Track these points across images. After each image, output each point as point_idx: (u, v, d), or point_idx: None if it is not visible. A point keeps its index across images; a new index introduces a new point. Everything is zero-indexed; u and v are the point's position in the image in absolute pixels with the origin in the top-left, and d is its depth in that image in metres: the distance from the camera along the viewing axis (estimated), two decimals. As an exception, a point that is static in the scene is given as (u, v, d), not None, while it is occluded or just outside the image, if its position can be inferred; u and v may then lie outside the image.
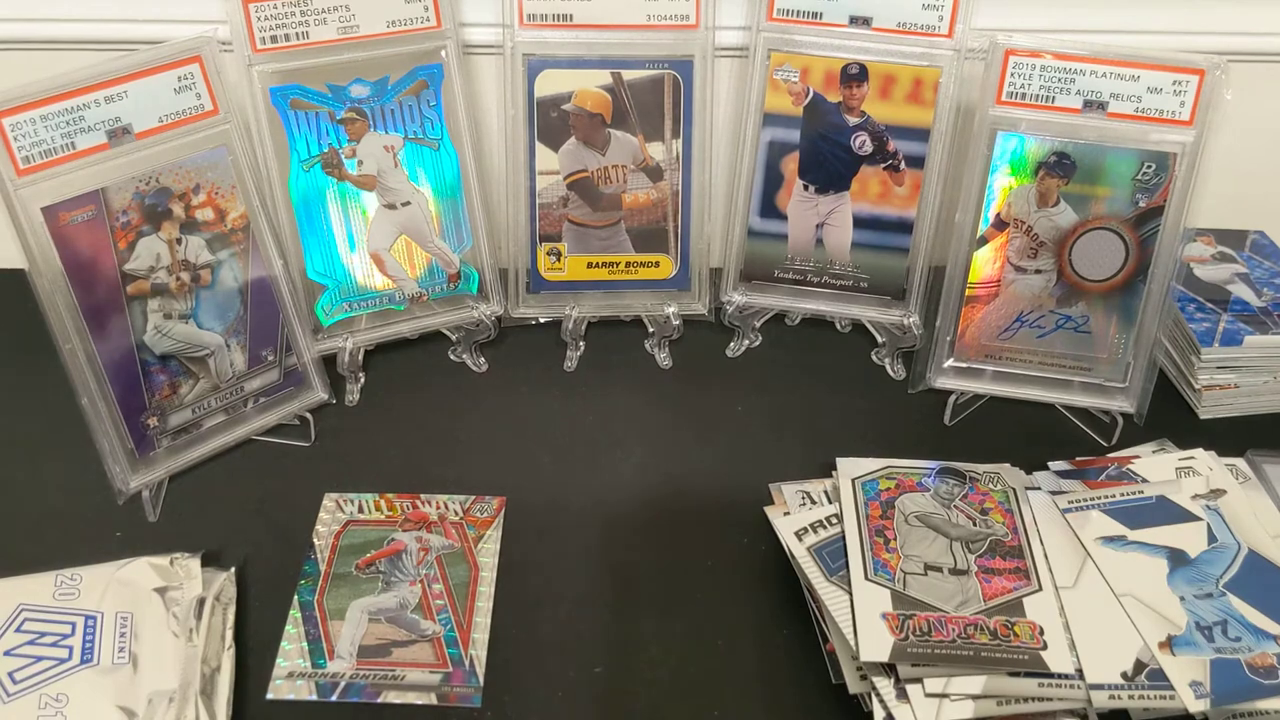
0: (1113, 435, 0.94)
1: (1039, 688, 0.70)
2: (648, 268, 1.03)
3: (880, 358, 1.04)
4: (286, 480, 0.89)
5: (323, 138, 0.92)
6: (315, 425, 0.94)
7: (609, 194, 1.00)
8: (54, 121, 0.76)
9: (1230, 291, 1.02)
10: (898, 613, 0.74)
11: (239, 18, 0.86)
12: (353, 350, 0.98)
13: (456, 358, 1.03)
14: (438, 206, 0.98)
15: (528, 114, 0.96)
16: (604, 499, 0.88)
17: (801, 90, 0.96)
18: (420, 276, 0.99)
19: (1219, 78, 0.85)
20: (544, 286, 1.03)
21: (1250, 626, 0.73)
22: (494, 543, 0.84)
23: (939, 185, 0.97)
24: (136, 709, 0.69)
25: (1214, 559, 0.78)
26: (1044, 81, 0.88)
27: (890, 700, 0.70)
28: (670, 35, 0.95)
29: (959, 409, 0.97)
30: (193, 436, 0.89)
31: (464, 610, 0.79)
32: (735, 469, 0.91)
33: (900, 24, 0.93)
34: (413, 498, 0.87)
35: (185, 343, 0.86)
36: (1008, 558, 0.78)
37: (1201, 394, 0.96)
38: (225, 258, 0.87)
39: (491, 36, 0.98)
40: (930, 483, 0.85)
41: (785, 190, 1.00)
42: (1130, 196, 0.89)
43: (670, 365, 1.03)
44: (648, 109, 0.98)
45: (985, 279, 0.94)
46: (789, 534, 0.81)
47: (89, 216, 0.78)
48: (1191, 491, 0.83)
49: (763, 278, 1.04)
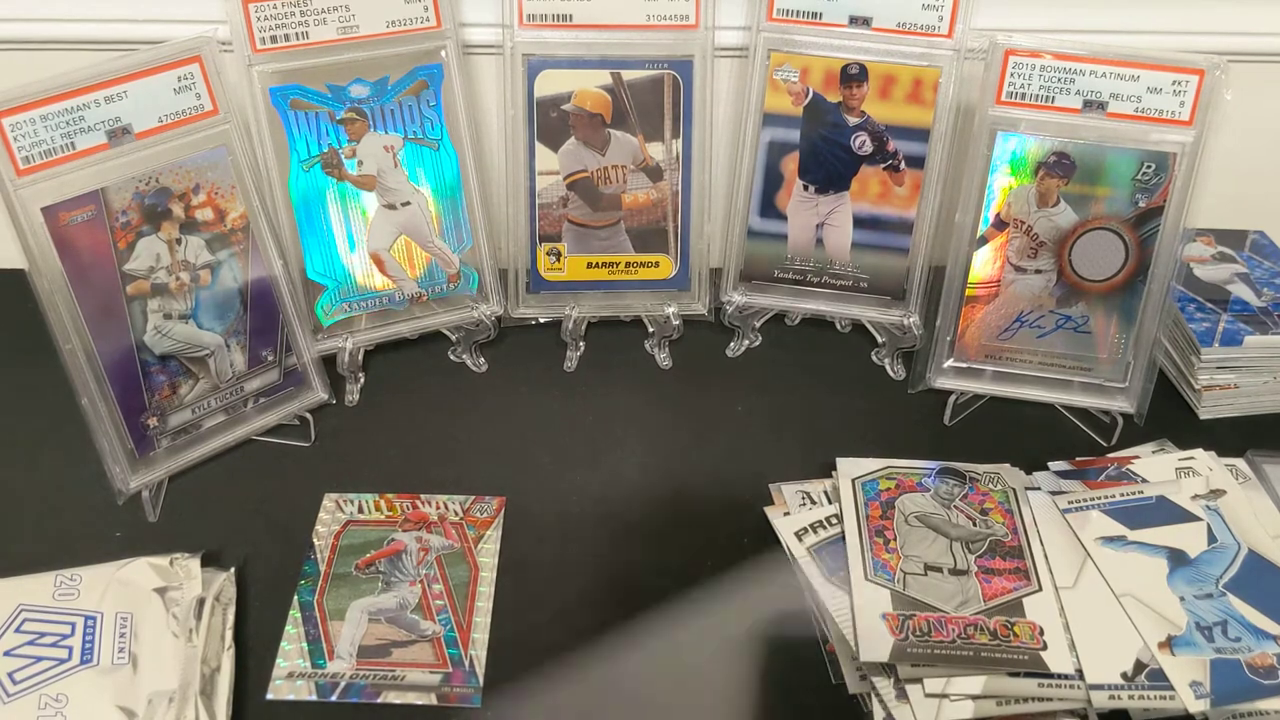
0: (1113, 435, 0.94)
1: (1039, 688, 0.70)
2: (647, 268, 1.03)
3: (880, 358, 1.04)
4: (286, 480, 0.89)
5: (323, 138, 0.92)
6: (315, 425, 0.94)
7: (609, 194, 1.00)
8: (54, 121, 0.76)
9: (1230, 291, 1.02)
10: (897, 613, 0.74)
11: (239, 18, 0.86)
12: (352, 350, 0.98)
13: (456, 358, 1.03)
14: (437, 206, 0.98)
15: (527, 114, 0.96)
16: (604, 499, 0.88)
17: (801, 90, 0.96)
18: (420, 277, 0.99)
19: (1219, 78, 0.85)
20: (544, 287, 1.03)
21: (1250, 627, 0.73)
22: (494, 543, 0.84)
23: (939, 185, 0.97)
24: (136, 709, 0.69)
25: (1214, 559, 0.78)
26: (1044, 81, 0.88)
27: (890, 700, 0.70)
28: (670, 35, 0.95)
29: (959, 409, 0.97)
30: (193, 437, 0.89)
31: (464, 610, 0.79)
32: (735, 469, 0.91)
33: (900, 24, 0.93)
34: (412, 498, 0.87)
35: (185, 343, 0.86)
36: (1007, 558, 0.78)
37: (1201, 394, 0.96)
38: (225, 258, 0.87)
39: (491, 36, 0.98)
40: (930, 483, 0.85)
41: (785, 190, 1.00)
42: (1130, 196, 0.89)
43: (670, 365, 1.03)
44: (647, 109, 0.98)
45: (985, 279, 0.94)
46: (789, 534, 0.81)
47: (89, 217, 0.78)
48: (1191, 492, 0.83)
49: (763, 278, 1.04)
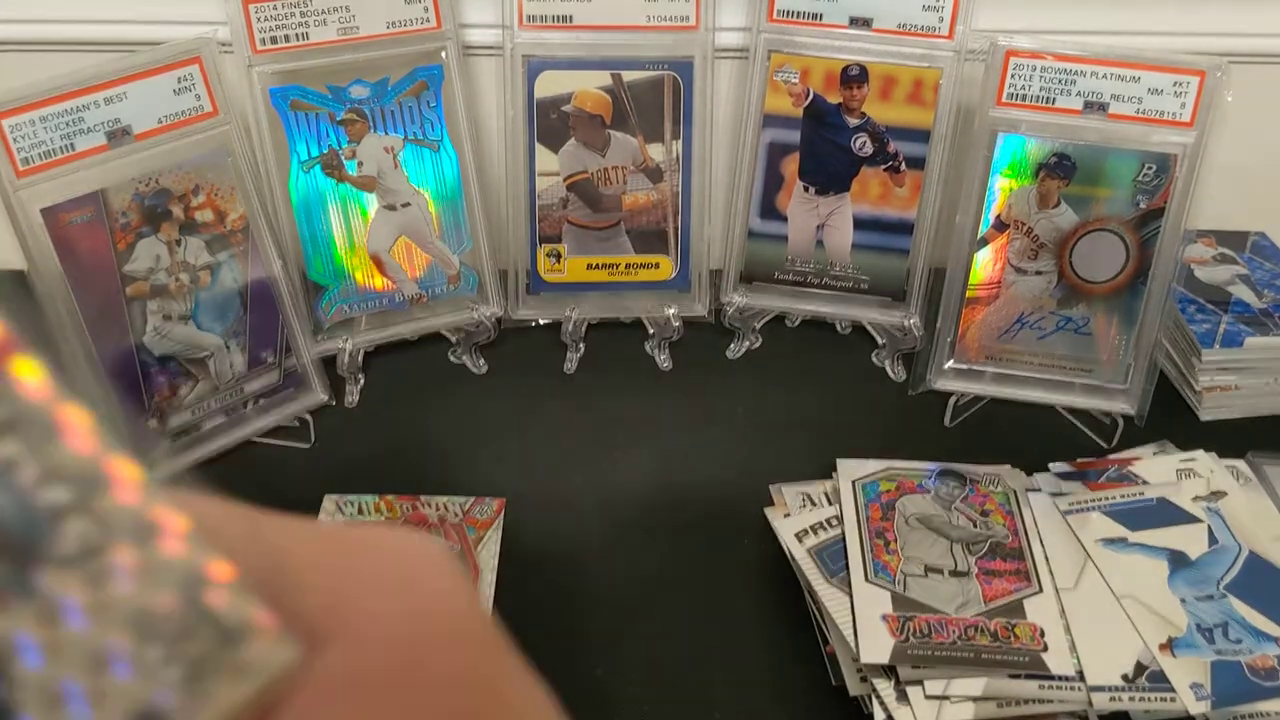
0: (1113, 437, 0.94)
1: (1039, 690, 0.70)
2: (648, 269, 1.03)
3: (880, 359, 1.04)
4: (286, 482, 0.89)
5: (323, 139, 0.92)
6: (315, 427, 0.94)
7: (609, 195, 1.00)
8: (53, 123, 0.76)
9: (1231, 293, 1.02)
10: (898, 614, 0.74)
11: (239, 19, 0.86)
12: (352, 352, 0.97)
13: (456, 359, 1.03)
14: (437, 208, 0.98)
15: (527, 115, 0.96)
16: (604, 500, 0.88)
17: (801, 91, 0.96)
18: (420, 278, 0.99)
19: (1220, 79, 0.85)
20: (544, 288, 1.03)
21: (1251, 628, 0.73)
22: (494, 544, 0.84)
23: (939, 187, 0.97)
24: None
25: (1215, 561, 0.78)
26: (1044, 83, 0.88)
27: (890, 702, 0.70)
28: (670, 36, 0.95)
29: (959, 410, 0.97)
30: (192, 438, 0.89)
31: (464, 612, 0.78)
32: (735, 471, 0.91)
33: (901, 25, 0.93)
34: (413, 499, 0.87)
35: (185, 344, 0.86)
36: (1008, 559, 0.78)
37: (1202, 395, 0.96)
38: (225, 259, 0.86)
39: (491, 38, 0.98)
40: (931, 484, 0.85)
41: (785, 192, 1.00)
42: (1131, 198, 0.89)
43: (670, 367, 1.03)
44: (648, 110, 0.97)
45: (986, 280, 0.94)
46: (789, 536, 0.81)
47: (88, 218, 0.78)
48: (1192, 493, 0.83)
49: (763, 279, 1.04)
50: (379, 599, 0.23)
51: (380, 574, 0.24)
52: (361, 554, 0.24)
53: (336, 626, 0.22)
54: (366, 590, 0.23)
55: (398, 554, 0.25)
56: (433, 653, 0.23)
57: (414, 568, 0.25)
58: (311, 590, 0.22)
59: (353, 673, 0.22)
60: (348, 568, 0.24)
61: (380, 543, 0.25)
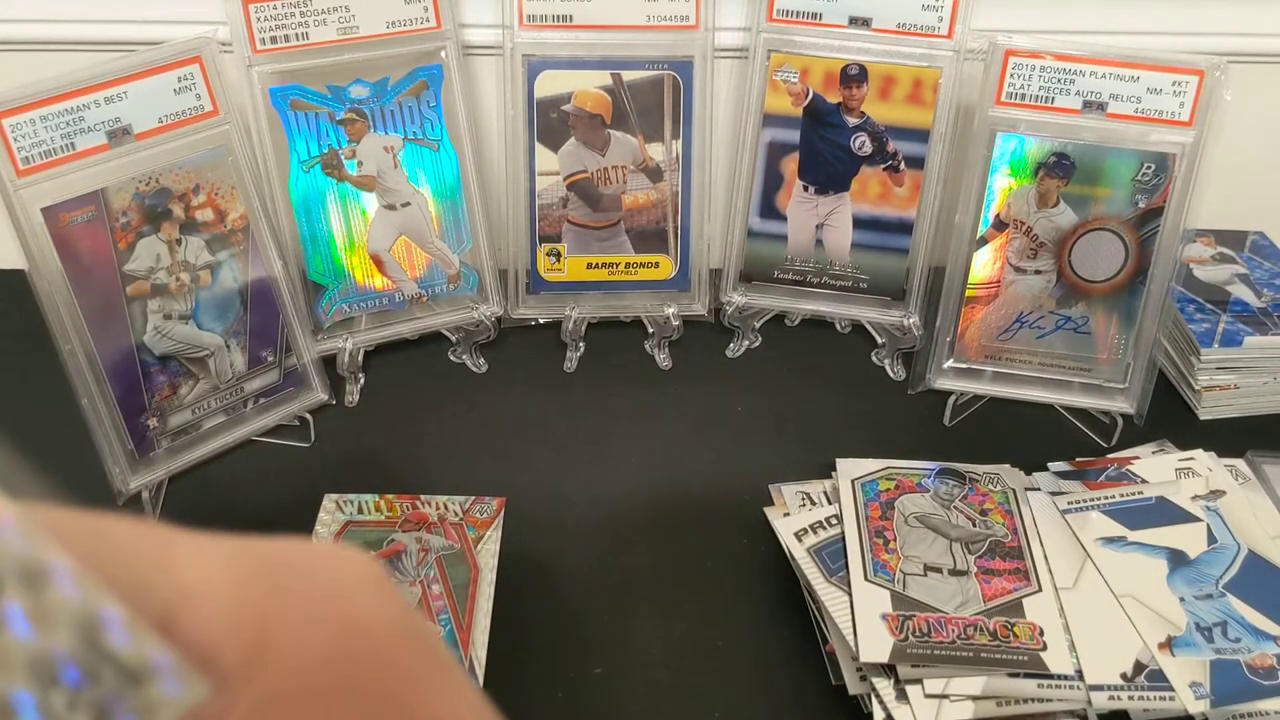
0: (1112, 436, 0.94)
1: (1039, 689, 0.70)
2: (647, 268, 1.03)
3: (880, 358, 1.04)
4: (286, 481, 0.89)
5: (323, 138, 0.92)
6: (315, 426, 0.94)
7: (609, 195, 1.00)
8: (54, 122, 0.76)
9: (1230, 292, 1.02)
10: (897, 613, 0.74)
11: (239, 18, 0.86)
12: (352, 351, 0.97)
13: (456, 358, 1.03)
14: (437, 207, 0.98)
15: (527, 115, 0.96)
16: (604, 499, 0.88)
17: (801, 91, 0.96)
18: (420, 277, 0.99)
19: (1218, 78, 0.85)
20: (544, 287, 1.03)
21: (1250, 627, 0.73)
22: (494, 543, 0.84)
23: (939, 186, 0.97)
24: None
25: (1214, 560, 0.78)
26: (1043, 82, 0.88)
27: (890, 701, 0.70)
28: (670, 36, 0.95)
29: (959, 410, 0.97)
30: (192, 437, 0.89)
31: (464, 611, 0.79)
32: (735, 470, 0.91)
33: (900, 25, 0.93)
34: (412, 498, 0.87)
35: (185, 343, 0.86)
36: (1007, 558, 0.78)
37: (1201, 395, 0.96)
38: (225, 258, 0.87)
39: (491, 37, 0.98)
40: (930, 483, 0.85)
41: (785, 191, 1.00)
42: (1130, 197, 0.89)
43: (670, 366, 1.03)
44: (647, 110, 0.98)
45: (985, 280, 0.94)
46: (789, 535, 0.81)
47: (89, 217, 0.78)
48: (1191, 492, 0.83)
49: (762, 278, 1.04)
50: (303, 620, 0.23)
51: (307, 592, 0.24)
52: (287, 572, 0.24)
53: (259, 651, 0.22)
54: (290, 610, 0.23)
55: (324, 571, 0.25)
56: (358, 672, 0.23)
57: (341, 585, 0.25)
58: (231, 615, 0.22)
59: (274, 698, 0.22)
60: (273, 586, 0.24)
61: (306, 560, 0.25)
